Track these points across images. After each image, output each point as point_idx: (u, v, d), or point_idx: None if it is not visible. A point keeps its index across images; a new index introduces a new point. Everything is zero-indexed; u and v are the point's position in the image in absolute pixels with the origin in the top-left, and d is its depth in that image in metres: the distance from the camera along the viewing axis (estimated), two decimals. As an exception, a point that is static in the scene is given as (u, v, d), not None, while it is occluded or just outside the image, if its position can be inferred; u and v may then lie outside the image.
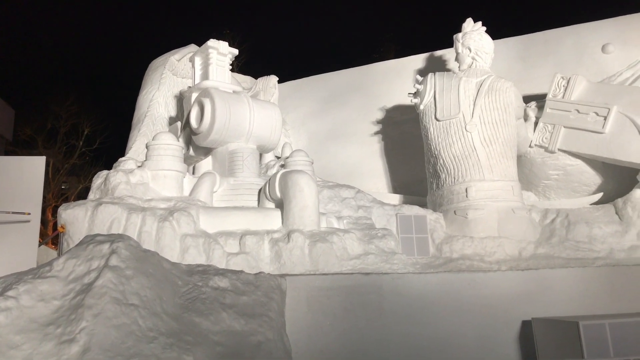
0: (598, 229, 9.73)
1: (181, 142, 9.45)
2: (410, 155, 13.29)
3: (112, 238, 5.23)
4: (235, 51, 10.33)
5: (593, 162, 10.88)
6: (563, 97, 11.11)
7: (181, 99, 10.91)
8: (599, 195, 11.17)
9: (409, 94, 11.92)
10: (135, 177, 8.33)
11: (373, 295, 6.22)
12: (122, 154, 10.90)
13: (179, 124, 10.50)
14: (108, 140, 27.23)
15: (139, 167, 8.63)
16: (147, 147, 8.83)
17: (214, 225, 7.64)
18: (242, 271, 5.97)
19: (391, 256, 7.80)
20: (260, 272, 6.07)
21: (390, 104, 14.56)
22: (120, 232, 7.13)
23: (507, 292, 6.61)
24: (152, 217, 7.32)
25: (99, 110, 27.18)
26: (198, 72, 10.29)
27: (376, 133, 14.63)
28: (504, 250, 9.33)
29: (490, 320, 6.46)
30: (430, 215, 10.23)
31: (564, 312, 6.51)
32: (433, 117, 10.98)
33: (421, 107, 11.29)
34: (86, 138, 26.79)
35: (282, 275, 6.19)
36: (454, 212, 10.21)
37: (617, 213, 10.06)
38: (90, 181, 9.06)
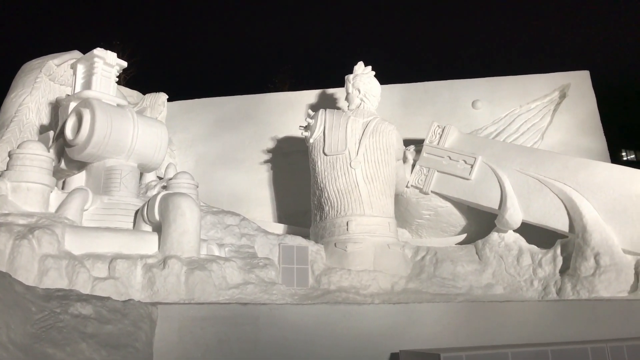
0: (461, 267, 10.63)
1: (51, 154, 8.63)
2: (298, 186, 13.52)
3: (-47, 256, 4.55)
4: (124, 63, 9.81)
5: (460, 205, 11.96)
6: (438, 144, 12.15)
7: (57, 107, 10.03)
8: (463, 235, 12.28)
9: (300, 126, 12.20)
10: (-9, 187, 7.39)
11: (249, 326, 6.09)
12: (-22, 161, 9.66)
13: (51, 133, 9.61)
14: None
15: (-3, 176, 7.69)
16: (10, 155, 7.92)
17: (81, 247, 7.01)
18: (108, 298, 5.52)
19: (271, 286, 7.75)
20: (129, 300, 5.66)
21: (281, 134, 14.78)
22: (-35, 249, 6.24)
23: (379, 324, 6.87)
24: (6, 234, 6.51)
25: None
26: (79, 81, 9.57)
27: (265, 162, 14.69)
28: (378, 284, 9.76)
29: (362, 352, 6.65)
30: (312, 247, 10.40)
31: (429, 345, 6.92)
32: (321, 151, 11.34)
33: (311, 140, 11.61)
34: None
35: (154, 304, 5.83)
36: (335, 244, 10.50)
37: (477, 253, 11.10)
38: None
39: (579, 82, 14.32)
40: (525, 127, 13.90)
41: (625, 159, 36.73)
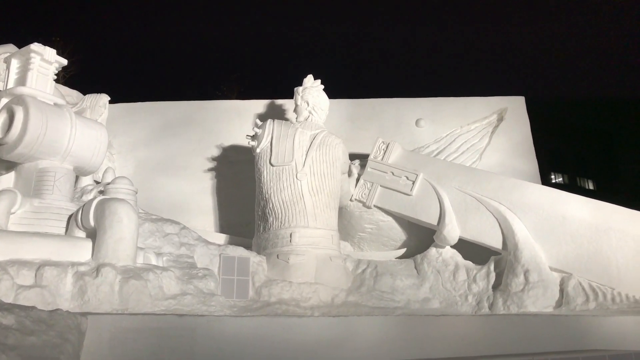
0: (400, 281, 10.85)
1: (-23, 152, 8.08)
2: (242, 196, 13.36)
3: None
4: (64, 61, 9.36)
5: (401, 220, 12.25)
6: (382, 159, 12.42)
7: (-14, 102, 9.41)
8: (403, 250, 12.57)
9: (247, 135, 12.11)
10: None
11: (185, 338, 5.91)
12: None
13: (-23, 130, 9.00)
14: None
15: None
16: None
17: (5, 252, 6.56)
18: (33, 307, 5.19)
19: (209, 298, 7.58)
20: (56, 309, 5.35)
21: (227, 142, 14.58)
22: None
23: (318, 337, 6.87)
24: None
25: None
26: (13, 76, 9.02)
27: (209, 170, 14.43)
28: (319, 297, 9.78)
29: (300, 365, 6.61)
30: (253, 258, 10.29)
31: (367, 358, 6.98)
32: (268, 161, 11.29)
33: (257, 150, 11.53)
34: None
35: (84, 314, 5.54)
36: (277, 256, 10.44)
37: (415, 267, 11.38)
38: None
39: (515, 106, 15.13)
40: (465, 147, 14.49)
41: (554, 181, 39.08)
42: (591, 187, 41.63)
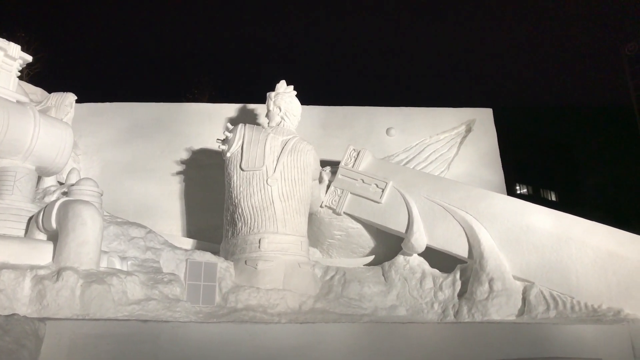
0: (367, 288, 10.90)
1: None
2: (211, 200, 13.20)
3: None
4: (29, 58, 9.08)
5: (370, 227, 12.34)
6: (352, 167, 12.50)
7: (-57, 97, 9.03)
8: (372, 257, 12.64)
9: (217, 139, 11.99)
10: None
11: (148, 344, 5.77)
12: None
13: None
14: None
15: None
16: None
17: (-40, 254, 6.30)
18: (-12, 312, 4.99)
19: (174, 303, 7.44)
20: (13, 314, 5.16)
21: (197, 145, 14.41)
22: None
23: (285, 344, 6.83)
24: None
25: None
26: (-26, 71, 8.71)
27: (178, 173, 14.21)
28: (286, 303, 9.72)
29: (265, 372, 6.54)
30: (221, 264, 10.16)
31: (333, 365, 6.97)
32: (238, 166, 11.19)
33: (228, 154, 11.43)
34: None
35: (42, 319, 5.36)
36: (245, 261, 10.34)
37: (383, 275, 11.46)
38: None
39: (483, 118, 15.49)
40: (433, 156, 14.74)
41: (518, 192, 40.13)
42: (554, 198, 42.94)
